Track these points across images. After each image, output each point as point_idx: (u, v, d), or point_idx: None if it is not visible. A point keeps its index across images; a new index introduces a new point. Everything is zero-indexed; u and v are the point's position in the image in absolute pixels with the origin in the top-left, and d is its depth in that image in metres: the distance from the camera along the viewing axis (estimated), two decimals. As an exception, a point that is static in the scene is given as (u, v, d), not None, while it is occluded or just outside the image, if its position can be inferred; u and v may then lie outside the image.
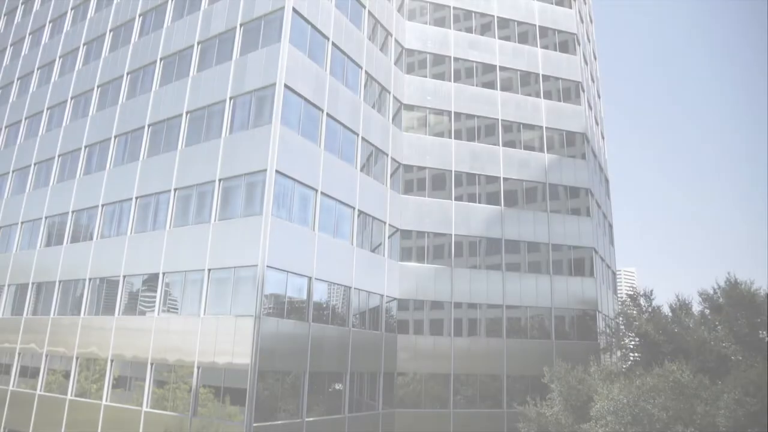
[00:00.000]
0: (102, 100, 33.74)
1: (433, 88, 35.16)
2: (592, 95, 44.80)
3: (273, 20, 25.94)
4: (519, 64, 37.34)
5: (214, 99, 26.62)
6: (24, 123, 39.66)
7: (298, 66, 25.47)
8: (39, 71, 40.86)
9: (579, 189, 36.15)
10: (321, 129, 26.48)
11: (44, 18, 43.02)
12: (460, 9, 37.53)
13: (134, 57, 32.59)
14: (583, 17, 46.16)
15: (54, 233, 33.02)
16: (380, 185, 30.77)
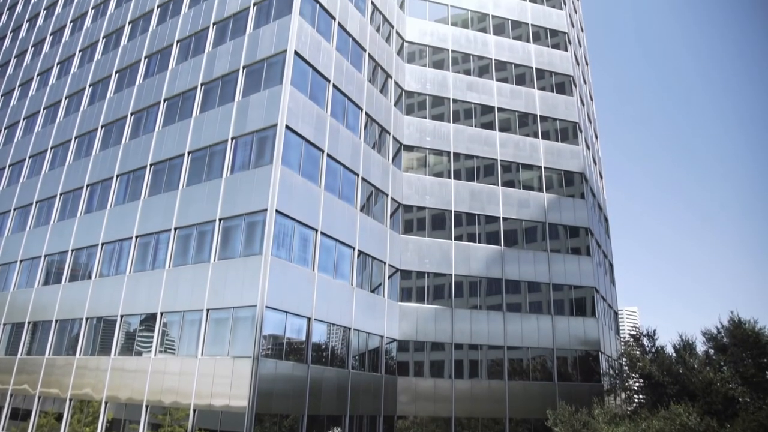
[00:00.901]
0: (105, 139, 34.13)
1: (432, 129, 35.63)
2: (589, 135, 45.33)
3: (275, 63, 26.48)
4: (517, 105, 37.93)
5: (216, 139, 26.93)
6: (28, 162, 40.02)
7: (300, 107, 25.87)
8: (45, 111, 41.48)
9: (578, 228, 36.18)
10: (321, 169, 26.70)
11: (53, 59, 43.92)
12: (458, 52, 38.35)
13: (138, 98, 33.12)
14: (578, 59, 47.11)
15: (53, 272, 32.91)
16: (380, 225, 30.84)
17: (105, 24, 40.18)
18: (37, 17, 49.75)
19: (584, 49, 53.72)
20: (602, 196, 47.69)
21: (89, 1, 43.64)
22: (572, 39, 44.45)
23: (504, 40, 39.80)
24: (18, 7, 53.92)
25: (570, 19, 45.49)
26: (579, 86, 43.58)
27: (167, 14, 34.94)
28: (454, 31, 39.00)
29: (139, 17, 37.18)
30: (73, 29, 43.91)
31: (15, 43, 50.75)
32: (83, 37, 41.86)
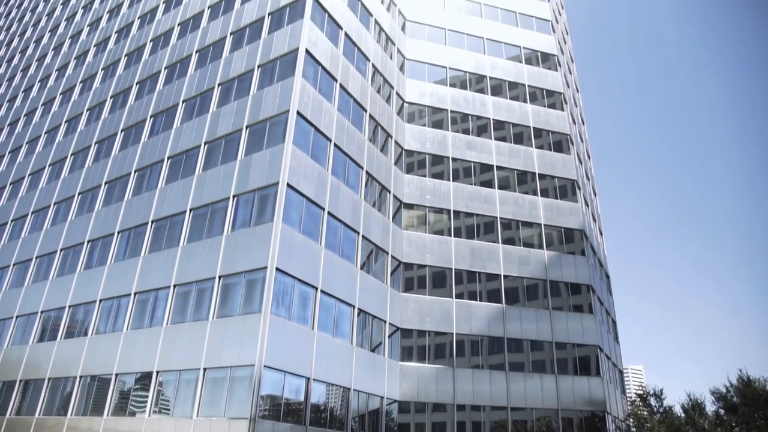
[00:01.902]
0: (108, 196, 34.46)
1: (432, 187, 36.02)
2: (587, 192, 45.74)
3: (278, 122, 27.06)
4: (515, 163, 38.48)
5: (218, 197, 27.19)
6: (30, 217, 40.26)
7: (301, 166, 26.25)
8: (50, 167, 42.06)
9: (580, 285, 35.96)
10: (322, 227, 26.83)
11: (61, 117, 44.90)
12: (457, 112, 39.26)
13: (143, 155, 33.66)
14: (575, 119, 48.12)
15: (48, 328, 32.52)
16: (380, 283, 30.69)
17: (113, 84, 41.31)
18: (49, 78, 51.20)
19: (580, 109, 54.96)
20: (603, 253, 47.65)
21: (99, 63, 45.03)
22: (568, 99, 45.56)
23: (502, 100, 40.81)
24: (31, 69, 55.56)
25: (565, 80, 46.76)
26: (576, 144, 44.34)
27: (174, 75, 35.99)
28: (453, 92, 40.06)
29: (147, 78, 38.27)
30: (82, 89, 45.10)
31: (26, 102, 52.02)
32: (92, 96, 42.95)
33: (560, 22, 54.94)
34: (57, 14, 59.76)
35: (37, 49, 57.45)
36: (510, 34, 44.45)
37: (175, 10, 40.73)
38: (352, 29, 34.08)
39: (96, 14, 51.57)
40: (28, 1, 71.26)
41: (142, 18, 44.18)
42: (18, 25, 67.42)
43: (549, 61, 44.32)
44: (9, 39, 66.64)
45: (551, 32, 46.22)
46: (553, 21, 48.63)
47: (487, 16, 44.98)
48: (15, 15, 71.59)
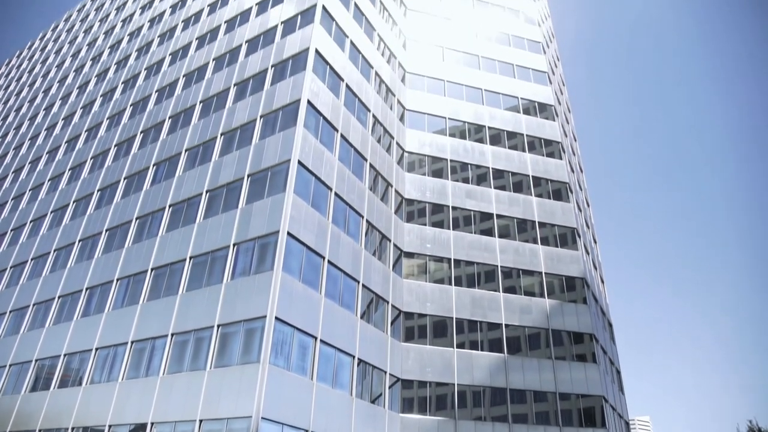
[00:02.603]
0: (109, 243, 34.49)
1: (432, 236, 36.09)
2: (588, 240, 45.76)
3: (279, 171, 27.36)
4: (515, 212, 38.67)
5: (218, 245, 27.22)
6: (29, 264, 40.19)
7: (302, 214, 26.39)
8: (52, 214, 42.27)
9: (583, 335, 35.52)
10: (322, 276, 26.74)
11: (65, 165, 45.43)
12: (456, 161, 39.74)
13: (144, 203, 33.88)
14: (573, 167, 48.64)
15: (42, 377, 31.96)
16: (380, 333, 30.36)
17: (118, 133, 41.99)
18: (55, 126, 52.10)
19: (578, 157, 55.63)
20: (605, 301, 47.28)
21: (105, 113, 45.90)
22: (566, 148, 46.18)
23: (501, 149, 41.38)
24: (38, 118, 56.60)
25: (563, 129, 47.52)
26: (575, 192, 44.66)
27: (178, 124, 36.64)
28: (452, 141, 40.67)
29: (151, 127, 38.94)
30: (87, 138, 45.81)
31: (31, 150, 52.75)
32: (96, 144, 43.59)
33: (556, 74, 56.26)
34: (66, 65, 61.33)
35: (45, 99, 58.67)
36: (508, 85, 45.47)
37: (181, 62, 41.82)
38: (353, 81, 34.90)
39: (104, 65, 52.91)
40: (40, 52, 73.27)
41: (149, 69, 45.31)
42: (28, 76, 69.07)
43: (546, 111, 45.16)
44: (19, 89, 68.14)
45: (548, 83, 47.27)
46: (550, 73, 49.81)
47: (485, 68, 46.12)
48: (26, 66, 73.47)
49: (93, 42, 60.27)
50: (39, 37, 79.01)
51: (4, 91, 72.92)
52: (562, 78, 60.78)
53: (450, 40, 46.83)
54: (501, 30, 49.68)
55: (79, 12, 73.28)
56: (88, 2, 73.37)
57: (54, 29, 76.78)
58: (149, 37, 49.58)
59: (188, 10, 47.40)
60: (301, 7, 35.31)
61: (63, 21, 76.24)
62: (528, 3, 53.70)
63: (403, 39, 44.92)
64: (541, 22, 55.34)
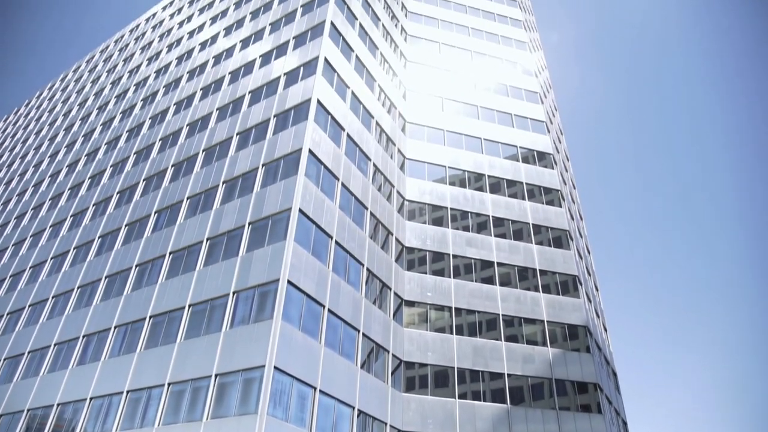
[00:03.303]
0: (108, 290, 34.33)
1: (433, 284, 35.93)
2: (589, 288, 45.50)
3: (280, 220, 27.49)
4: (516, 260, 38.60)
5: (218, 293, 27.08)
6: (27, 310, 39.87)
7: (302, 263, 26.36)
8: (52, 261, 42.23)
9: (587, 384, 34.87)
10: (322, 325, 26.49)
11: (67, 212, 45.69)
12: (456, 210, 39.97)
13: (145, 250, 33.90)
14: (573, 215, 48.84)
15: (33, 428, 31.22)
16: (381, 383, 29.83)
17: (121, 180, 42.42)
18: (59, 174, 52.68)
19: (578, 205, 55.93)
20: (608, 350, 46.61)
21: (109, 160, 46.50)
22: (565, 196, 46.50)
23: (500, 197, 41.67)
24: (43, 165, 57.31)
25: (562, 177, 47.98)
26: (575, 240, 44.70)
27: (180, 172, 37.05)
28: (452, 190, 41.01)
29: (154, 174, 39.36)
30: (90, 185, 46.25)
31: (34, 197, 53.15)
32: (99, 191, 43.96)
33: (554, 123, 57.23)
34: (73, 114, 62.52)
35: (51, 146, 59.55)
36: (506, 135, 46.19)
37: (185, 111, 42.66)
38: (354, 130, 35.50)
39: (109, 114, 53.94)
40: (47, 101, 74.84)
41: (153, 118, 46.16)
42: (35, 124, 70.33)
43: (545, 160, 45.70)
44: (25, 136, 69.25)
45: (546, 132, 48.03)
46: (548, 122, 50.67)
47: (484, 117, 46.97)
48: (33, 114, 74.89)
49: (100, 92, 61.64)
50: (48, 87, 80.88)
51: (11, 139, 74.08)
52: (560, 127, 61.79)
53: (449, 91, 47.87)
54: (499, 81, 50.85)
55: (88, 63, 75.27)
56: (96, 54, 75.44)
57: (63, 79, 78.67)
58: (155, 87, 50.73)
59: (194, 61, 48.68)
60: (304, 59, 36.28)
61: (72, 71, 78.19)
62: (525, 55, 55.15)
63: (404, 90, 45.93)
64: (538, 73, 56.69)
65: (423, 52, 50.51)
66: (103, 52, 74.28)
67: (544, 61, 67.12)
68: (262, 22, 44.93)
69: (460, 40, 53.31)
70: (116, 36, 74.68)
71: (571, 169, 59.57)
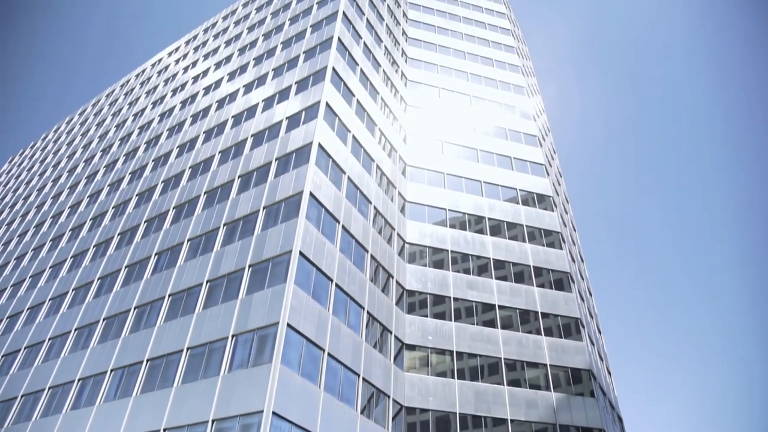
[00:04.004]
0: (105, 332, 33.99)
1: (434, 328, 35.60)
2: (592, 331, 45.02)
3: (280, 262, 27.47)
4: (517, 302, 38.35)
5: (217, 336, 26.81)
6: (22, 352, 39.37)
7: (302, 306, 26.20)
8: (50, 302, 41.97)
9: (592, 429, 34.09)
10: (321, 369, 26.12)
11: (67, 253, 45.67)
12: (457, 252, 39.95)
13: (144, 292, 33.74)
14: (574, 257, 48.77)
15: (24, 476, 30.43)
16: (381, 429, 29.18)
17: (122, 222, 42.57)
18: (61, 215, 52.90)
19: (578, 247, 55.91)
20: (613, 394, 45.77)
21: (111, 202, 46.78)
22: (566, 238, 46.54)
23: (501, 240, 41.71)
24: (45, 206, 57.62)
25: (562, 220, 48.12)
26: (577, 282, 44.49)
27: (181, 215, 37.22)
28: (453, 232, 41.09)
29: (155, 216, 39.53)
30: (91, 226, 46.39)
31: (35, 238, 53.22)
32: (100, 233, 44.06)
33: (554, 166, 57.80)
34: (77, 156, 63.25)
35: (54, 188, 59.99)
36: (506, 177, 46.59)
37: (188, 154, 43.17)
38: (354, 173, 35.85)
39: (113, 157, 54.56)
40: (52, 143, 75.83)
41: (156, 161, 46.67)
42: (40, 166, 71.05)
43: (545, 202, 45.95)
44: (29, 178, 69.86)
45: (545, 175, 48.45)
46: (547, 165, 51.19)
47: (484, 160, 47.48)
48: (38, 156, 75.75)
49: (104, 134, 62.53)
50: (53, 129, 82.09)
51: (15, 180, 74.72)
52: (559, 169, 62.37)
53: (449, 135, 48.55)
54: (498, 124, 51.62)
55: (93, 106, 76.62)
56: (102, 98, 76.88)
57: (68, 122, 79.93)
58: (159, 130, 51.49)
59: (197, 105, 49.56)
60: (306, 103, 36.96)
61: (77, 114, 79.49)
62: (523, 99, 56.16)
63: (404, 133, 46.59)
64: (536, 117, 57.60)
65: (423, 96, 51.47)
66: (108, 96, 75.69)
67: (542, 105, 68.30)
68: (266, 67, 45.95)
69: (459, 85, 54.39)
70: (122, 81, 76.25)
71: (571, 211, 59.83)
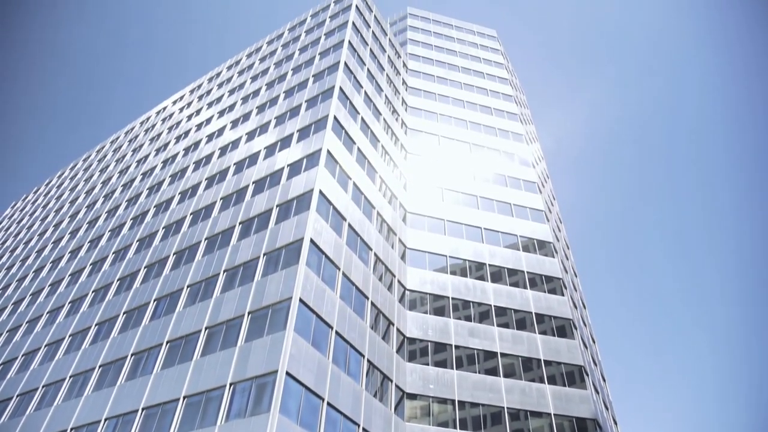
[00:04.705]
0: (101, 380, 33.43)
1: (435, 376, 35.01)
2: (597, 378, 44.26)
3: (280, 309, 27.28)
4: (520, 350, 37.84)
5: (215, 384, 26.36)
6: (14, 400, 38.60)
7: (301, 353, 25.87)
8: (46, 348, 41.43)
9: (598, 485, 33.09)
10: (321, 419, 25.57)
11: (66, 298, 45.39)
12: (458, 299, 39.70)
13: (141, 339, 33.36)
14: (576, 303, 48.40)
15: None
16: (380, 482, 28.36)
17: (122, 267, 42.49)
18: (61, 259, 52.83)
19: (580, 293, 55.57)
20: (618, 447, 44.58)
21: (112, 247, 46.81)
22: (567, 284, 46.32)
23: (502, 287, 41.51)
24: (46, 250, 57.62)
25: (563, 266, 48.00)
26: (579, 329, 44.01)
27: (182, 260, 37.19)
28: (454, 279, 40.94)
29: (156, 262, 39.49)
30: (91, 271, 46.27)
31: (34, 282, 52.99)
32: (99, 278, 43.90)
33: (553, 212, 58.07)
34: (79, 201, 63.65)
35: (54, 233, 60.13)
36: (506, 224, 46.75)
37: (189, 200, 43.48)
38: (355, 220, 36.01)
39: (115, 202, 54.92)
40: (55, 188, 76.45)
41: (158, 207, 46.96)
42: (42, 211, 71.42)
43: (545, 248, 45.95)
44: (30, 223, 70.12)
45: (545, 221, 48.63)
46: (546, 211, 51.44)
47: (484, 207, 47.76)
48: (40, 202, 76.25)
49: (107, 180, 63.13)
50: (57, 175, 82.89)
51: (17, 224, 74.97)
52: (559, 215, 62.62)
53: (449, 182, 49.01)
54: (497, 171, 52.17)
55: (98, 152, 77.61)
56: (107, 144, 77.98)
57: (72, 168, 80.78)
58: (161, 176, 52.01)
59: (200, 152, 50.23)
60: (307, 151, 37.48)
61: (81, 160, 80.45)
62: (522, 146, 56.94)
63: (404, 180, 47.04)
64: (535, 164, 58.27)
65: (423, 144, 52.22)
66: (113, 142, 76.79)
67: (540, 152, 69.19)
68: (268, 115, 46.81)
69: (458, 133, 55.26)
70: (127, 128, 77.51)
71: (572, 257, 59.73)
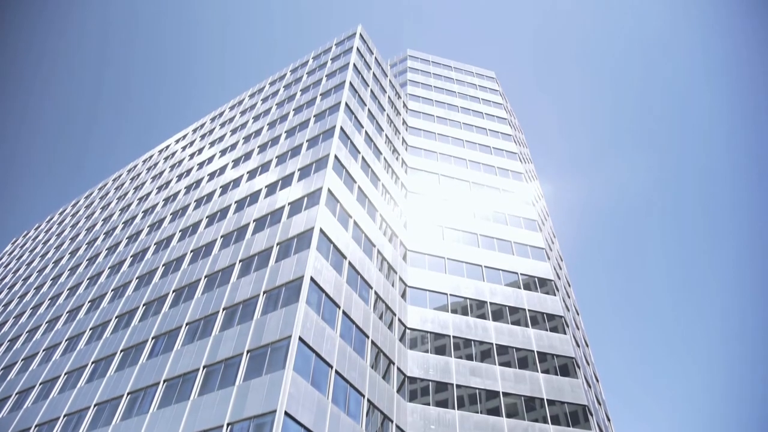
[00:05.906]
0: (95, 420, 32.84)
1: (436, 417, 34.38)
2: (601, 418, 43.43)
3: (279, 348, 27.02)
4: (522, 389, 37.27)
5: (211, 425, 25.88)
6: (8, 440, 37.87)
7: (300, 393, 25.50)
8: (40, 386, 40.84)
9: None
10: (319, 462, 25.01)
11: (63, 335, 44.98)
12: (459, 338, 39.33)
13: (138, 377, 32.92)
14: (578, 341, 47.90)
15: None
16: None
17: (121, 305, 42.26)
18: (59, 296, 52.57)
19: (582, 331, 55.05)
20: (625, 492, 43.43)
21: (111, 284, 46.65)
22: (569, 322, 45.93)
23: (503, 325, 41.17)
24: (45, 287, 57.41)
25: (564, 304, 47.69)
26: (582, 367, 43.44)
27: (181, 298, 37.02)
28: (454, 318, 40.65)
29: (155, 300, 39.29)
30: (89, 308, 46.00)
31: (31, 319, 52.59)
32: (97, 315, 43.61)
33: (554, 250, 58.04)
34: (80, 238, 63.74)
35: (54, 270, 60.00)
36: (507, 262, 46.69)
37: (190, 238, 43.56)
38: (355, 259, 36.00)
39: (116, 239, 54.99)
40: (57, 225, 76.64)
41: (158, 244, 47.01)
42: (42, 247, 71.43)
43: (547, 286, 45.76)
44: (30, 259, 70.04)
45: (546, 259, 48.57)
46: (547, 248, 51.43)
47: (484, 245, 47.79)
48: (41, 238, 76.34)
49: (108, 217, 63.36)
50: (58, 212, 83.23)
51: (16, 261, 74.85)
52: (560, 253, 62.55)
53: (449, 220, 49.17)
54: (497, 210, 52.39)
55: (100, 189, 78.13)
56: (109, 182, 78.58)
57: (74, 205, 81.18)
58: (162, 214, 52.23)
59: (202, 190, 50.58)
60: (308, 189, 37.75)
61: (83, 197, 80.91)
62: (522, 185, 57.34)
63: (404, 219, 47.21)
64: (535, 202, 58.55)
65: (423, 183, 52.61)
66: (115, 180, 77.40)
67: (540, 190, 69.61)
68: (269, 155, 47.33)
69: (458, 172, 55.73)
70: (129, 165, 78.25)
71: (573, 295, 59.39)
